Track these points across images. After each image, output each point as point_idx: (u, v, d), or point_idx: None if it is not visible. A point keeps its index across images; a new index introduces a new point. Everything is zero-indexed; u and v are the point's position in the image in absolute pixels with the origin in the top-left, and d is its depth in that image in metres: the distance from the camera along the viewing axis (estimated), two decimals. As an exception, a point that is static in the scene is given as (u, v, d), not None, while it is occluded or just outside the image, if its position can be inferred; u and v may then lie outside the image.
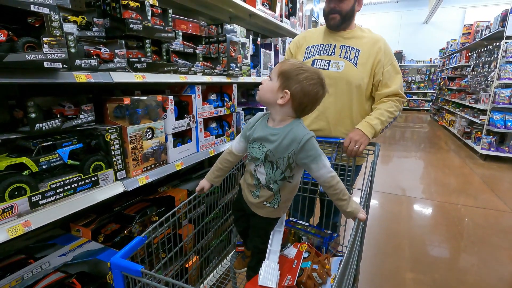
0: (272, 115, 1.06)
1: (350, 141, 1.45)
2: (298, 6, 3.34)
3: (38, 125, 1.02)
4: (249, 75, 2.31)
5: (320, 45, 1.63)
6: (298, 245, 1.21)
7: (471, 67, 6.99)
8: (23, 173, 0.98)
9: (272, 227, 1.18)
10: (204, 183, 1.25)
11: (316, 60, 1.60)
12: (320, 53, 1.61)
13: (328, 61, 1.57)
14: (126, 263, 0.75)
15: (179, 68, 1.56)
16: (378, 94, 1.56)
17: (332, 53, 1.58)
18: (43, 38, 0.89)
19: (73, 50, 1.04)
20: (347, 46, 1.56)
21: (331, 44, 1.59)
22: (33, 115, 1.01)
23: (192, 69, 1.66)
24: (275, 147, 1.02)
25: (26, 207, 0.94)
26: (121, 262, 0.75)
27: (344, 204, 1.03)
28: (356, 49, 1.54)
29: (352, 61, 1.54)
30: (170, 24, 1.54)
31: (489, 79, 5.41)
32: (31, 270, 1.07)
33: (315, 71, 0.99)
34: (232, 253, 1.55)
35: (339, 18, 1.53)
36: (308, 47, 1.66)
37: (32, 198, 0.95)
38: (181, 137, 1.67)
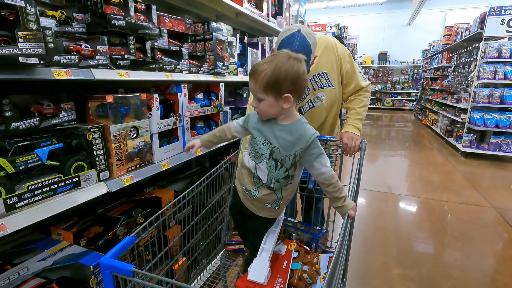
0: (288, 117, 1.04)
1: (348, 139, 1.50)
2: (284, 6, 3.35)
3: (14, 124, 0.97)
4: (236, 74, 2.29)
5: None
6: (288, 243, 1.20)
7: (452, 68, 7.21)
8: (-2, 174, 0.93)
9: (270, 226, 1.18)
10: (195, 141, 1.28)
11: (301, 108, 1.58)
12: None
13: (309, 100, 1.56)
14: (116, 263, 0.73)
15: (165, 66, 1.52)
16: (344, 92, 1.62)
17: (307, 91, 1.55)
18: (18, 32, 0.84)
19: (51, 45, 0.99)
20: (315, 75, 1.52)
21: None
22: (8, 114, 0.96)
23: (178, 67, 1.63)
24: (283, 144, 1.01)
25: (1, 210, 0.89)
26: (111, 262, 0.73)
27: (340, 201, 1.05)
28: (323, 72, 1.52)
29: (327, 85, 1.54)
30: (154, 20, 1.51)
31: (469, 79, 5.60)
32: (8, 277, 1.02)
33: (282, 55, 0.95)
34: (222, 252, 1.53)
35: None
36: None
37: (8, 200, 0.91)
38: (167, 137, 1.64)
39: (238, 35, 2.42)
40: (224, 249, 1.55)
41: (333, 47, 1.52)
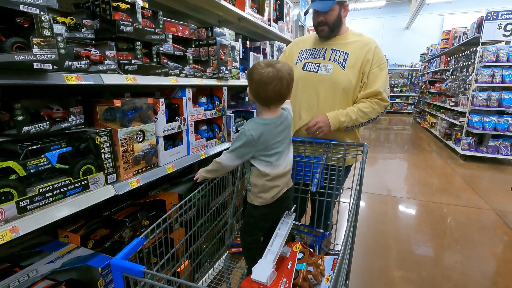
0: (258, 114, 1.24)
1: (315, 123, 1.52)
2: (285, 10, 3.39)
3: (25, 128, 0.99)
4: (239, 78, 2.32)
5: (312, 49, 1.67)
6: (292, 245, 1.22)
7: (450, 71, 7.28)
8: (10, 178, 0.95)
9: (251, 217, 1.26)
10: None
11: (307, 63, 1.64)
12: (311, 57, 1.66)
13: (317, 64, 1.61)
14: (127, 264, 0.74)
15: (170, 71, 1.55)
16: (361, 93, 1.59)
17: (322, 57, 1.62)
18: (33, 39, 0.87)
19: (62, 51, 1.02)
20: (337, 50, 1.60)
21: (322, 48, 1.64)
22: (20, 118, 0.98)
23: (183, 71, 1.66)
24: None
25: (13, 213, 0.91)
26: (122, 263, 0.75)
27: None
28: (345, 52, 1.59)
29: (341, 64, 1.58)
30: (161, 26, 1.54)
31: (467, 82, 5.65)
32: (18, 279, 1.03)
33: (259, 64, 1.13)
34: (225, 254, 1.55)
35: (327, 29, 1.59)
36: (302, 50, 1.72)
37: (20, 203, 0.92)
38: (172, 140, 1.66)
39: (240, 40, 2.46)
40: (227, 252, 1.57)
41: (370, 46, 1.59)
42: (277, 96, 1.13)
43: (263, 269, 1.00)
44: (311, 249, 1.27)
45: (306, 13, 1.67)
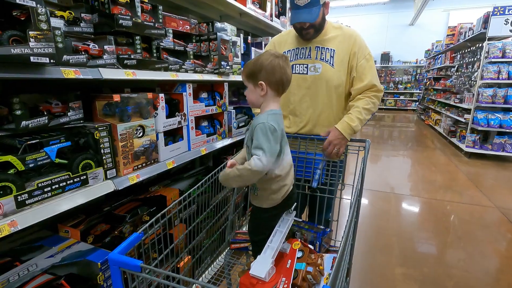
0: (262, 109, 1.17)
1: (329, 144, 1.48)
2: (288, 5, 3.36)
3: (24, 123, 0.99)
4: (240, 74, 2.30)
5: (296, 48, 1.61)
6: (292, 242, 1.21)
7: (456, 68, 7.18)
8: (9, 172, 0.95)
9: (260, 220, 1.23)
10: None
11: (294, 65, 1.60)
12: (297, 57, 1.60)
13: (306, 65, 1.58)
14: (124, 258, 0.74)
15: (170, 66, 1.54)
16: (354, 89, 1.56)
17: (309, 56, 1.58)
18: (29, 32, 0.86)
19: (60, 45, 1.01)
20: (322, 48, 1.56)
21: (306, 47, 1.59)
22: (18, 112, 0.98)
23: (183, 66, 1.65)
24: (249, 132, 1.17)
25: (12, 207, 0.91)
26: (119, 257, 0.74)
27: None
28: (331, 49, 1.54)
29: (329, 62, 1.54)
30: (161, 20, 1.52)
31: (472, 79, 5.58)
32: (18, 273, 1.04)
33: (266, 53, 1.13)
34: (226, 251, 1.55)
35: (313, 31, 1.53)
36: (285, 52, 1.65)
37: (19, 197, 0.92)
38: (172, 136, 1.65)
39: (242, 35, 2.43)
40: (228, 248, 1.57)
41: (354, 39, 1.54)
42: (290, 79, 1.16)
43: (261, 265, 0.99)
44: (311, 246, 1.26)
45: (291, 23, 1.59)
